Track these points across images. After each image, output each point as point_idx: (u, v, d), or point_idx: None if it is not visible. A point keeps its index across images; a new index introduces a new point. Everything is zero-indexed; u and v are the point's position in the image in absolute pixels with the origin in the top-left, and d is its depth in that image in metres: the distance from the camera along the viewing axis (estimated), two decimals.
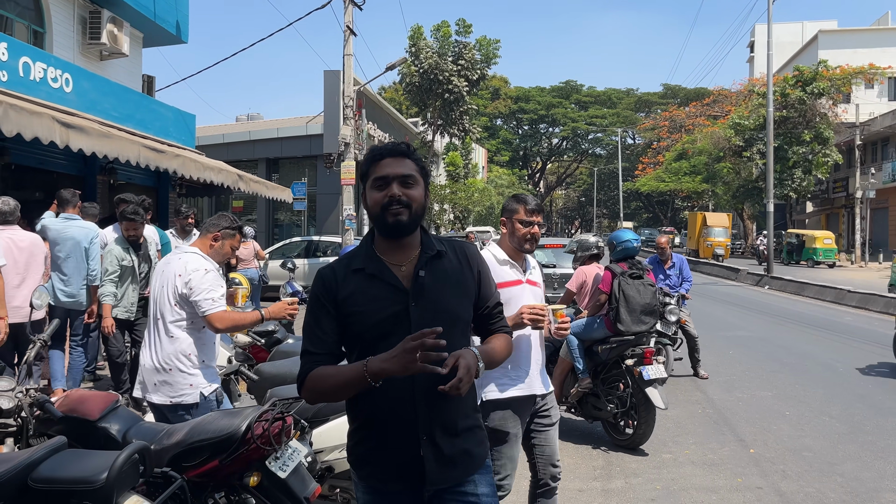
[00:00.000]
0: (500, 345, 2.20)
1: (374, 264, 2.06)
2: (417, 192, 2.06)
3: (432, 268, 2.07)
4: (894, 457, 5.53)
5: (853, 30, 43.70)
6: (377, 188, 2.04)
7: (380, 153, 2.08)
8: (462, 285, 2.12)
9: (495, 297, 2.26)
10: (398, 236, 2.05)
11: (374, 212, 2.05)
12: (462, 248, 2.22)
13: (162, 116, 12.68)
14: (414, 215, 2.04)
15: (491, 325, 2.24)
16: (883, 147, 36.83)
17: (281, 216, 25.57)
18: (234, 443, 2.89)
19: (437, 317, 1.97)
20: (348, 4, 15.41)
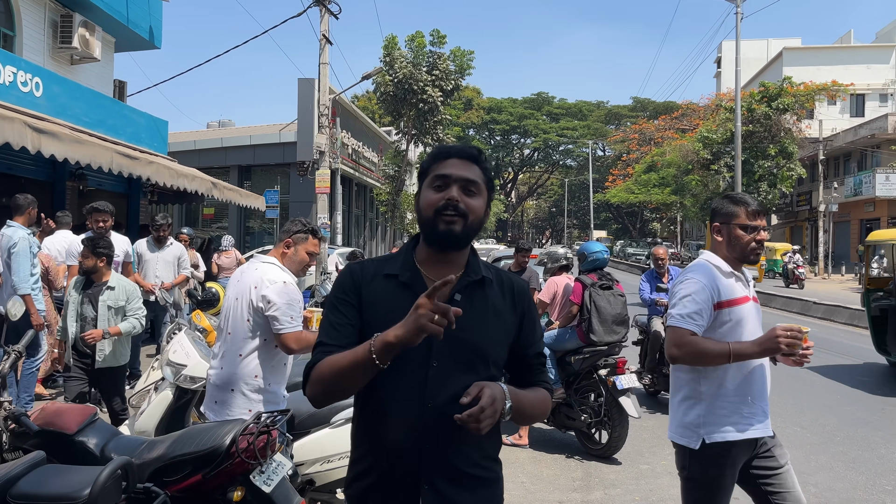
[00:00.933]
0: (537, 398, 1.88)
1: (410, 273, 1.81)
2: (478, 203, 1.80)
3: (472, 294, 1.81)
4: (865, 467, 5.64)
5: (816, 47, 44.83)
6: (435, 188, 1.79)
7: (447, 151, 1.86)
8: (500, 322, 1.84)
9: (538, 346, 1.95)
10: (446, 248, 1.80)
11: (426, 215, 1.79)
12: (510, 282, 1.92)
13: (134, 122, 12.50)
14: (468, 228, 1.77)
15: (529, 376, 1.93)
16: (845, 162, 37.78)
17: (252, 224, 25.32)
18: (217, 457, 2.84)
19: (464, 350, 1.74)
20: (324, 13, 15.37)
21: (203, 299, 5.83)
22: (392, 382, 1.75)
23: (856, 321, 15.39)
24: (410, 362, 1.72)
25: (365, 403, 1.82)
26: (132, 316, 5.07)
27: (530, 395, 1.85)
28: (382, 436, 1.77)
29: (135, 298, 5.14)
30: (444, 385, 1.72)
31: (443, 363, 1.74)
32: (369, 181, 29.38)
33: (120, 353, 5.08)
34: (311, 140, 20.56)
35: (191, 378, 3.96)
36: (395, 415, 1.75)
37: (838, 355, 11.17)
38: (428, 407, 1.72)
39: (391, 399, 1.76)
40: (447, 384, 1.72)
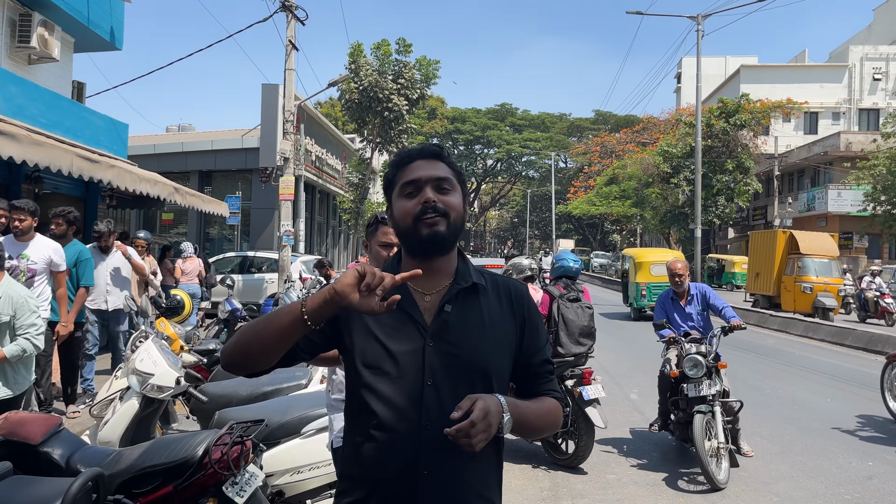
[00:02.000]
0: (543, 409, 1.73)
1: (396, 289, 1.61)
2: (455, 199, 1.69)
3: (463, 303, 1.68)
4: (824, 476, 5.78)
5: (772, 66, 46.06)
6: (407, 195, 1.68)
7: (408, 155, 1.74)
8: (499, 331, 1.70)
9: (543, 352, 1.79)
10: (434, 253, 1.67)
11: (405, 224, 1.67)
12: (506, 286, 1.79)
13: (93, 124, 12.21)
14: (452, 226, 1.66)
15: (535, 386, 1.78)
16: (799, 178, 38.85)
17: (212, 230, 24.95)
18: (189, 468, 2.78)
19: (460, 366, 1.61)
20: (291, 19, 15.27)
21: (168, 307, 5.72)
22: (383, 404, 1.61)
23: (811, 333, 15.81)
24: (402, 382, 1.60)
25: (353, 428, 1.68)
26: (22, 335, 3.94)
27: (535, 407, 1.71)
28: (374, 464, 1.62)
29: (26, 312, 3.99)
30: (442, 405, 1.59)
31: (438, 381, 1.61)
32: (332, 188, 29.21)
33: (14, 381, 4.00)
34: (274, 146, 20.36)
35: (158, 387, 3.86)
36: (388, 440, 1.60)
37: (794, 367, 11.45)
38: (426, 430, 1.59)
39: (383, 423, 1.61)
40: (445, 404, 1.58)
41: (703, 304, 6.26)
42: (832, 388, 9.82)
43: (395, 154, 1.77)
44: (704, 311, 6.28)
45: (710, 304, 6.24)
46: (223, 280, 9.14)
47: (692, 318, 6.27)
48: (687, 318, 6.29)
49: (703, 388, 5.61)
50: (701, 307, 6.27)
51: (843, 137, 33.67)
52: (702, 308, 6.27)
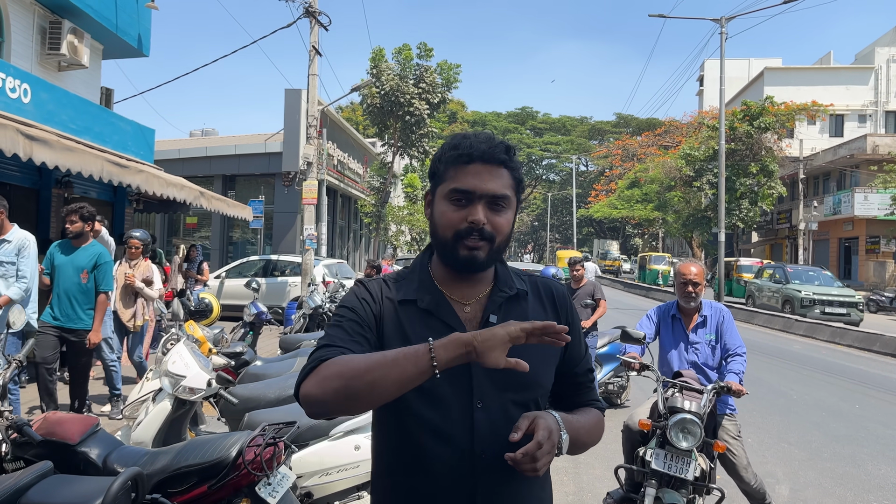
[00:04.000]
0: (591, 422, 1.60)
1: (431, 297, 1.52)
2: (506, 218, 1.50)
3: (508, 312, 1.52)
4: (853, 483, 5.71)
5: (797, 68, 45.59)
6: (454, 202, 1.48)
7: (468, 153, 1.49)
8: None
9: (586, 360, 1.66)
10: (467, 273, 1.53)
11: (444, 235, 1.49)
12: (548, 288, 1.64)
13: (121, 130, 12.41)
14: (495, 252, 1.50)
15: (578, 397, 1.66)
16: (824, 181, 38.38)
17: (235, 234, 25.20)
18: (223, 468, 2.83)
19: (511, 384, 1.46)
20: (314, 25, 15.40)
21: (196, 310, 5.79)
22: (430, 433, 1.45)
23: (837, 339, 15.61)
24: (449, 406, 1.44)
25: (392, 465, 1.51)
26: None
27: (584, 420, 1.57)
28: (422, 498, 1.47)
29: None
30: (495, 430, 1.44)
31: (489, 403, 1.45)
32: (354, 192, 29.38)
33: None
34: (297, 150, 20.57)
35: (189, 389, 3.92)
36: (438, 474, 1.44)
37: (821, 372, 11.31)
38: (480, 458, 1.43)
39: (431, 454, 1.45)
40: (498, 428, 1.43)
41: (716, 334, 4.32)
42: (860, 394, 9.69)
43: (451, 138, 1.55)
44: (717, 345, 4.31)
45: (722, 336, 4.31)
46: (248, 283, 9.21)
47: (698, 350, 4.32)
48: (690, 348, 4.34)
49: (682, 466, 3.72)
50: (713, 337, 4.32)
51: (870, 140, 33.22)
52: (715, 339, 4.31)
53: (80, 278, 5.83)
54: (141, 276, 7.12)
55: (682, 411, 3.74)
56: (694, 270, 4.28)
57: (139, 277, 7.07)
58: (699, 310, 4.38)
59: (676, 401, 3.83)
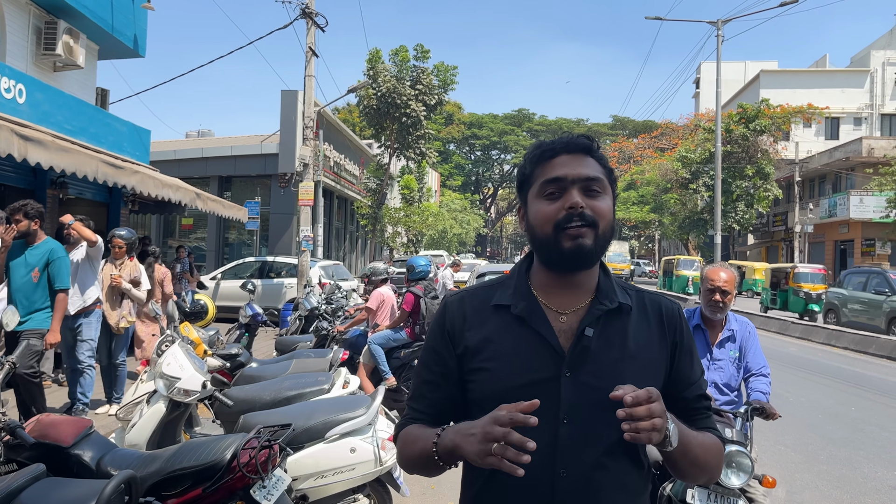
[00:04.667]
0: (707, 441, 1.45)
1: (526, 303, 1.45)
2: (606, 204, 1.43)
3: (606, 326, 1.43)
4: (850, 486, 5.71)
5: (793, 71, 45.73)
6: (547, 196, 1.42)
7: (551, 148, 1.46)
8: (647, 360, 1.44)
9: (699, 385, 1.52)
10: (576, 267, 1.43)
11: (544, 232, 1.42)
12: (656, 305, 1.52)
13: (116, 131, 12.37)
14: (601, 238, 1.41)
15: (690, 422, 1.47)
16: (820, 184, 38.50)
17: (231, 235, 25.15)
18: (218, 471, 2.80)
19: (601, 401, 1.31)
20: (311, 26, 15.38)
21: (191, 311, 5.77)
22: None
23: (833, 341, 15.63)
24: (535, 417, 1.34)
25: (473, 479, 1.49)
26: None
27: (701, 437, 1.43)
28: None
29: None
30: (579, 448, 1.37)
31: (575, 419, 1.38)
32: (350, 194, 29.36)
33: None
34: (293, 151, 20.54)
35: (184, 391, 3.90)
36: (518, 488, 1.38)
37: (818, 375, 11.32)
38: (561, 476, 1.36)
39: None
40: (583, 446, 1.37)
41: (741, 350, 3.88)
42: (856, 396, 9.70)
43: (532, 146, 1.51)
44: (742, 363, 3.89)
45: (746, 353, 3.89)
46: (244, 285, 9.18)
47: (721, 368, 3.83)
48: (713, 365, 3.84)
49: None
50: (738, 355, 3.88)
51: (865, 143, 33.33)
52: (739, 357, 3.87)
53: (31, 277, 5.60)
54: (128, 276, 6.89)
55: (727, 441, 3.08)
56: (724, 276, 3.78)
57: (126, 278, 6.86)
58: (725, 322, 3.88)
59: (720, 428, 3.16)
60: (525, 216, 1.50)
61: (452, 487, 5.15)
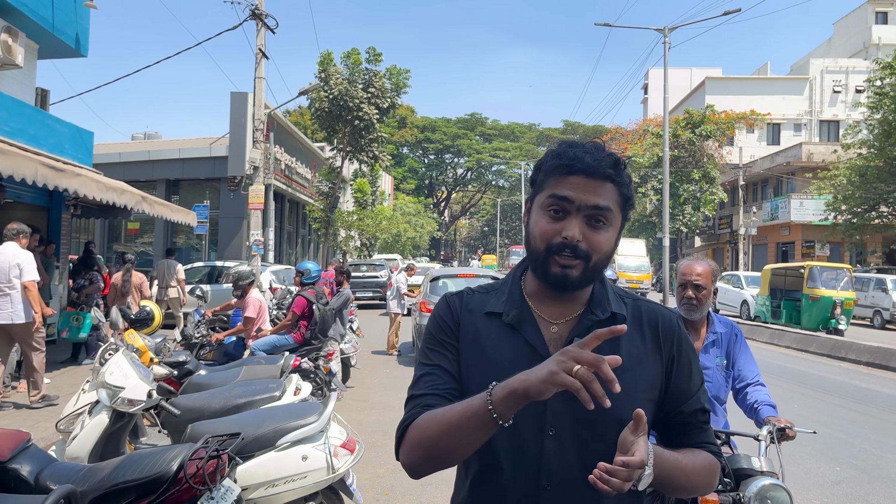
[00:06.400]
0: (694, 464, 1.39)
1: (518, 311, 1.43)
2: (606, 237, 1.38)
3: None
4: (793, 482, 5.84)
5: (736, 78, 47.01)
6: (551, 213, 1.38)
7: (571, 163, 1.37)
8: (640, 372, 1.39)
9: (697, 399, 1.46)
10: (560, 291, 1.41)
11: (537, 248, 1.39)
12: (652, 316, 1.47)
13: (57, 132, 11.99)
14: (590, 270, 1.37)
15: (685, 438, 1.45)
16: (763, 187, 39.68)
17: (179, 240, 24.62)
18: (163, 483, 2.72)
19: (590, 413, 1.24)
20: (261, 27, 15.18)
21: (137, 318, 5.61)
22: (494, 458, 1.36)
23: (776, 340, 16.10)
24: (518, 431, 1.32)
25: (459, 487, 1.46)
26: None
27: (684, 461, 1.37)
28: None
29: None
30: (565, 462, 1.33)
31: (562, 432, 1.34)
32: (302, 197, 29.06)
33: None
34: (243, 154, 20.23)
35: (128, 401, 3.78)
36: (501, 501, 1.35)
37: (763, 374, 11.64)
38: (546, 489, 1.32)
39: (493, 481, 1.37)
40: (569, 460, 1.33)
41: (728, 357, 3.41)
42: (798, 393, 10.00)
43: (555, 148, 1.42)
44: (730, 371, 3.42)
45: (735, 361, 3.42)
46: (193, 290, 8.96)
47: (709, 378, 3.32)
48: None
49: None
50: (726, 361, 3.41)
51: (805, 148, 34.47)
52: (727, 364, 3.41)
53: None
54: None
55: (757, 474, 2.81)
56: (698, 269, 3.24)
57: None
58: (708, 324, 3.37)
59: (741, 459, 2.88)
60: (529, 215, 1.46)
61: (406, 493, 5.12)
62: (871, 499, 5.47)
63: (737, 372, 3.38)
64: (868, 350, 13.14)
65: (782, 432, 3.07)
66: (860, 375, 11.83)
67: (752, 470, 2.81)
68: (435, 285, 12.34)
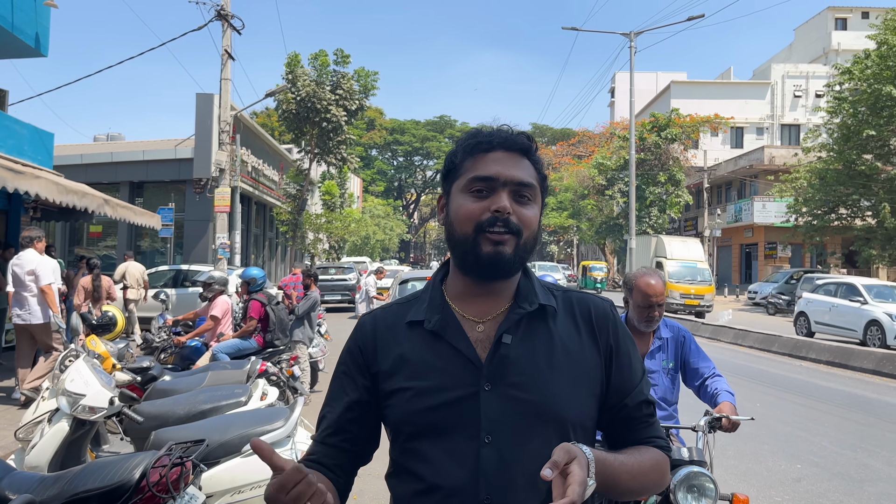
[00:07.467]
0: (641, 464, 1.30)
1: (440, 316, 1.32)
2: (533, 213, 1.31)
3: (527, 332, 1.31)
4: (756, 480, 5.97)
5: (701, 82, 47.80)
6: (474, 194, 1.29)
7: (488, 141, 1.32)
8: (576, 366, 1.30)
9: (640, 391, 1.38)
10: (493, 276, 1.31)
11: (463, 231, 1.29)
12: (584, 305, 1.38)
13: (16, 133, 11.72)
14: (522, 248, 1.29)
15: (631, 434, 1.37)
16: (727, 190, 40.40)
17: (143, 243, 24.22)
18: (125, 492, 2.67)
19: (527, 414, 1.23)
20: (227, 28, 15.02)
21: (99, 324, 5.51)
22: (429, 471, 1.26)
23: (740, 340, 16.40)
24: (452, 440, 1.24)
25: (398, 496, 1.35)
26: None
27: (630, 462, 1.28)
28: None
29: None
30: (506, 470, 1.23)
31: (499, 438, 1.24)
32: (269, 200, 28.81)
33: None
34: (209, 156, 19.98)
35: (90, 408, 3.71)
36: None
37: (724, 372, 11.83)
38: (483, 502, 1.22)
39: (429, 497, 1.25)
40: (509, 468, 1.23)
41: (676, 360, 3.53)
42: (761, 392, 10.18)
43: (468, 133, 1.37)
44: (676, 373, 3.55)
45: (687, 361, 3.56)
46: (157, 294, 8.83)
47: (653, 380, 3.40)
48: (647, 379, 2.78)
49: None
50: (673, 364, 3.52)
51: (767, 152, 35.18)
52: (674, 366, 3.52)
53: None
54: None
55: (683, 463, 2.88)
56: (660, 288, 3.29)
57: None
58: (655, 330, 3.46)
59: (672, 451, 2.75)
60: (446, 209, 1.36)
61: (375, 498, 5.10)
62: (832, 495, 5.59)
63: (692, 371, 3.51)
64: (828, 349, 13.45)
65: (718, 421, 3.16)
66: (821, 374, 12.10)
67: (681, 460, 2.89)
68: (404, 288, 12.30)
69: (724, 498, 2.95)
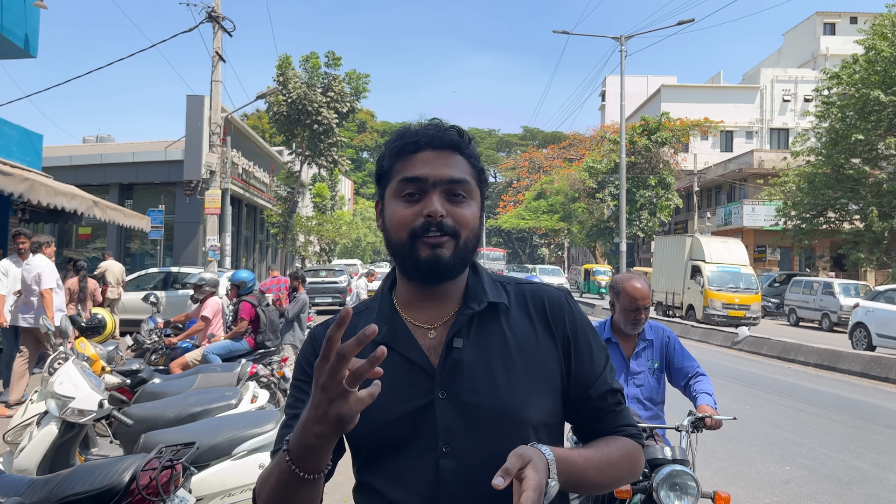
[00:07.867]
0: (609, 456, 1.25)
1: (389, 326, 1.26)
2: (470, 210, 1.26)
3: (479, 332, 1.26)
4: (745, 482, 6.00)
5: (691, 86, 48.07)
6: (406, 198, 1.25)
7: (414, 141, 1.27)
8: (533, 362, 1.25)
9: (605, 380, 1.31)
10: (434, 280, 1.26)
11: (399, 238, 1.24)
12: (537, 297, 1.33)
13: (4, 135, 11.67)
14: (462, 249, 1.24)
15: (598, 425, 1.32)
16: (717, 193, 40.60)
17: (133, 245, 24.10)
18: (115, 495, 2.67)
19: (485, 419, 1.19)
20: (217, 30, 14.98)
21: (88, 326, 5.48)
22: (388, 486, 1.20)
23: (729, 343, 16.47)
24: (410, 453, 1.19)
25: None
26: None
27: (596, 456, 1.22)
28: None
29: None
30: (467, 479, 1.17)
31: (458, 446, 1.19)
32: (260, 202, 28.73)
33: None
34: (199, 158, 19.91)
35: (79, 411, 3.69)
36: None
37: (712, 375, 11.89)
38: None
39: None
40: (471, 477, 1.17)
41: (661, 360, 3.62)
42: (750, 395, 10.23)
43: (394, 134, 1.32)
44: (661, 373, 3.64)
45: (672, 361, 3.63)
46: (147, 297, 8.78)
47: (638, 381, 3.56)
48: (631, 380, 3.55)
49: None
50: (658, 364, 3.61)
51: (756, 155, 35.38)
52: (659, 366, 3.61)
53: None
54: None
55: (665, 462, 2.97)
56: (645, 292, 3.40)
57: None
58: (641, 332, 3.56)
59: (655, 450, 3.05)
60: (382, 218, 1.31)
61: None
62: (820, 497, 5.63)
63: (681, 368, 3.60)
64: (816, 352, 13.54)
65: (701, 421, 3.26)
66: (809, 377, 12.18)
67: (664, 459, 2.99)
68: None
69: (706, 496, 3.03)
